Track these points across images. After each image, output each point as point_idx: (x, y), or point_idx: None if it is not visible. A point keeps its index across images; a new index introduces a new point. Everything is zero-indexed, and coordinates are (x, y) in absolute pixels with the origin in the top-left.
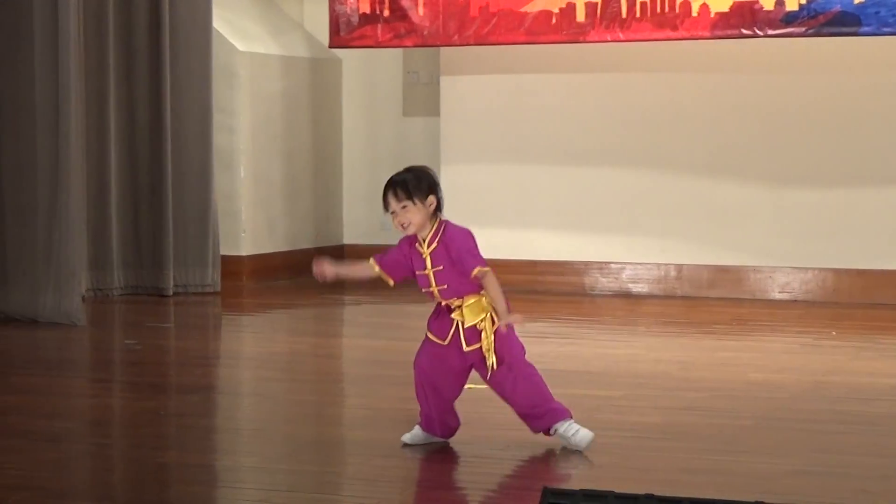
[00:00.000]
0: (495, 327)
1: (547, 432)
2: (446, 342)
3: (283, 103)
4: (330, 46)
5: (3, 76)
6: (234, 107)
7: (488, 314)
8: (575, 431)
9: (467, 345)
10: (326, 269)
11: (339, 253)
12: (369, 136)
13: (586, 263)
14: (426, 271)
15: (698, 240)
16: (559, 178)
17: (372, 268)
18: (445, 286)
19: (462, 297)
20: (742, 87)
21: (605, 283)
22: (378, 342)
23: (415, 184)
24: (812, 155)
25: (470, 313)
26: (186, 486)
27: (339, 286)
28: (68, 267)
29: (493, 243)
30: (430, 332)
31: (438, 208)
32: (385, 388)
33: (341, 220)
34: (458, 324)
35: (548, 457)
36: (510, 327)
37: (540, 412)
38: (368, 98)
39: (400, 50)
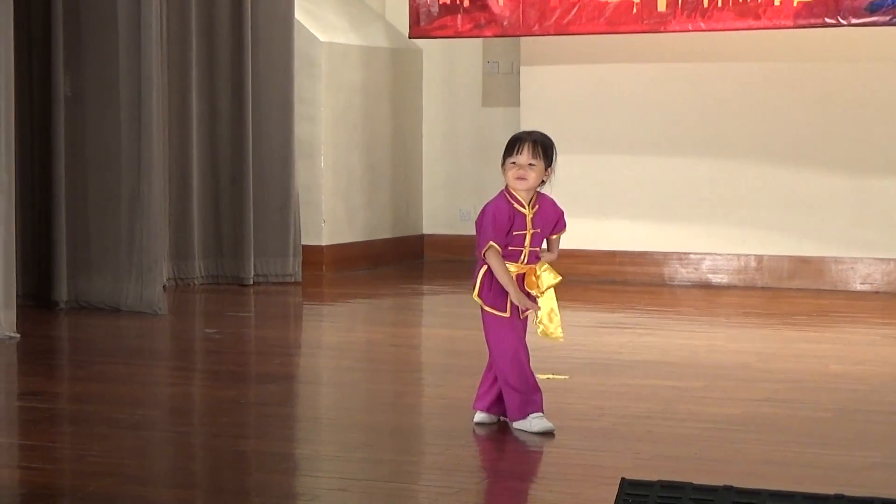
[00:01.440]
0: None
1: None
2: (508, 313)
3: (364, 93)
4: (410, 37)
5: (87, 69)
6: (315, 97)
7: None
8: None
9: (522, 313)
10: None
11: (419, 243)
12: (449, 127)
13: (666, 254)
14: (525, 231)
15: (779, 230)
16: (639, 169)
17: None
18: (537, 249)
19: (533, 265)
20: (824, 76)
21: (684, 273)
22: (456, 332)
23: (551, 151)
24: (894, 144)
25: (547, 277)
26: (265, 475)
27: (418, 276)
28: (150, 256)
29: (573, 233)
30: (490, 306)
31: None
32: (463, 378)
33: (421, 210)
34: None
35: (626, 447)
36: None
37: None
38: (448, 88)
39: (480, 40)
